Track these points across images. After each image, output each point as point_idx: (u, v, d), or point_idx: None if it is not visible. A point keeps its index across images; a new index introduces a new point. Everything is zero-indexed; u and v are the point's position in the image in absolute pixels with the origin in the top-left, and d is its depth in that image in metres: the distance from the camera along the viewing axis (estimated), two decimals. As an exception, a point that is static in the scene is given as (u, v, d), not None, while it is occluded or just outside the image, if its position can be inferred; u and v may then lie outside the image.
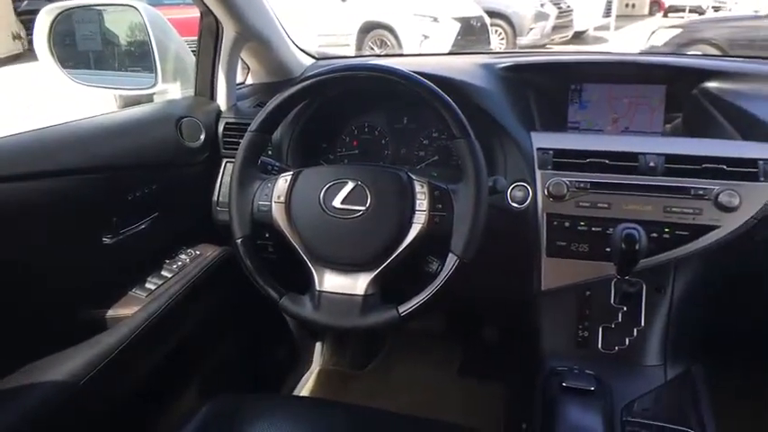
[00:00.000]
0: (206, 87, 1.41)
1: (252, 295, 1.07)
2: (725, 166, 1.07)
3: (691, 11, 11.11)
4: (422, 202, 0.98)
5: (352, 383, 1.86)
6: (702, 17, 9.50)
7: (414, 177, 1.01)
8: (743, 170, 1.06)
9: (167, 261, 1.30)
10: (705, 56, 3.85)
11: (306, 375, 1.89)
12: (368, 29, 7.00)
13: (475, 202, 0.95)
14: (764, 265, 1.15)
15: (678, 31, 6.71)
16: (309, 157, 1.39)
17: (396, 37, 6.83)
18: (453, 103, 0.98)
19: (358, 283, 0.99)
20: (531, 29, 7.85)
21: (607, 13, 10.04)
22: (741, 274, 1.16)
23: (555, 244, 1.14)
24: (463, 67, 1.35)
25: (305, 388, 1.84)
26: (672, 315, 1.10)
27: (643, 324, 1.10)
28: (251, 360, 1.67)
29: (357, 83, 1.07)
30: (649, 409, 1.03)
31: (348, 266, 1.00)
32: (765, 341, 1.40)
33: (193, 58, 1.41)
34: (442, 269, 0.97)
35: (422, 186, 0.99)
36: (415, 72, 1.01)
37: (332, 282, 1.00)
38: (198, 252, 1.34)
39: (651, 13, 12.64)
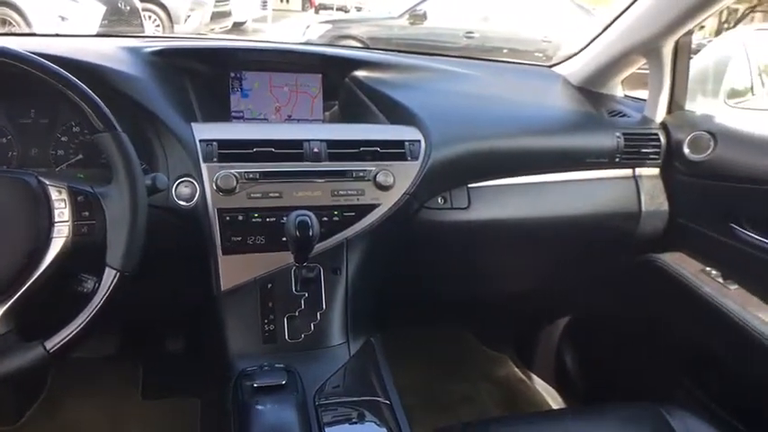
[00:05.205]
0: None
1: None
2: (378, 149, 1.16)
3: (338, 9, 12.32)
4: (62, 212, 0.83)
5: None
6: (348, 15, 10.63)
7: (47, 182, 0.84)
8: (393, 151, 1.17)
9: None
10: (354, 48, 4.28)
11: None
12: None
13: (131, 205, 0.85)
14: (421, 238, 1.29)
15: (329, 26, 7.44)
16: None
17: (22, 16, 5.73)
18: (90, 91, 0.84)
19: None
20: (189, 16, 7.57)
21: (264, 6, 10.43)
22: (404, 247, 1.28)
23: (230, 240, 1.08)
24: (102, 50, 1.18)
25: None
26: (349, 293, 1.15)
27: (324, 307, 1.13)
28: None
29: None
30: (339, 386, 1.06)
31: None
32: (429, 307, 1.61)
33: None
34: (99, 287, 0.84)
35: (60, 192, 0.84)
36: (36, 54, 0.83)
37: None
38: None
39: (304, 9, 13.58)
